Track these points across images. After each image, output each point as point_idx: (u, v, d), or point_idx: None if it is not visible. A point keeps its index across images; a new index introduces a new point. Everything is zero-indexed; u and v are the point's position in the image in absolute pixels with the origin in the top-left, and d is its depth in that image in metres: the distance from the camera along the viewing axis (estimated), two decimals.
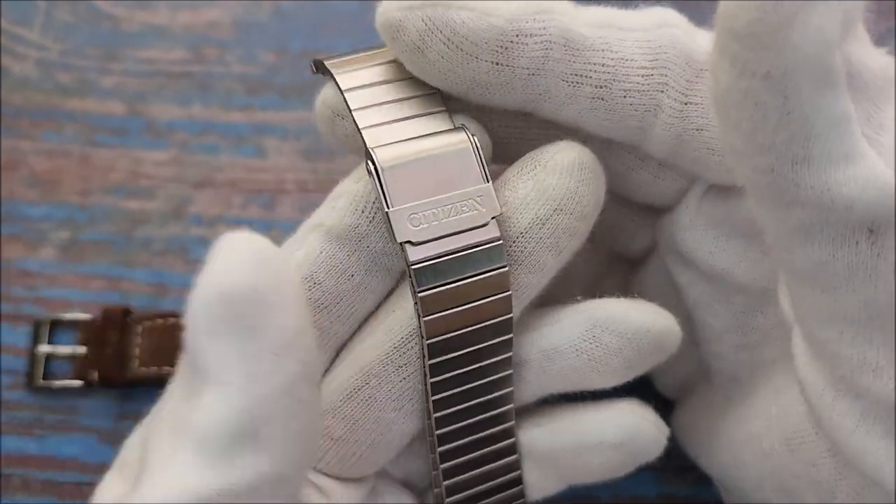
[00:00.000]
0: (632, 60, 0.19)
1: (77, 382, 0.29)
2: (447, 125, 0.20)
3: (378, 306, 0.21)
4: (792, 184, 0.15)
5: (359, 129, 0.19)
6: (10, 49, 0.34)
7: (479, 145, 0.19)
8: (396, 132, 0.19)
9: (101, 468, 0.19)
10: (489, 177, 0.19)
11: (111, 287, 0.30)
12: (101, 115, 0.33)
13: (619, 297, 0.21)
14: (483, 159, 0.19)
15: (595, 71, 0.19)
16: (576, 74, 0.19)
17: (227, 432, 0.15)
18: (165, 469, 0.15)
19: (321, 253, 0.19)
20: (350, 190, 0.20)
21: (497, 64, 0.18)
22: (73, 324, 0.30)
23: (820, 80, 0.14)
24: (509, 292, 0.19)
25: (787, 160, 0.15)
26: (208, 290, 0.15)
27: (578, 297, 0.21)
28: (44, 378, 0.29)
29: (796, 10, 0.13)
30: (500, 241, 0.19)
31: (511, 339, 0.20)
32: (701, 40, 0.20)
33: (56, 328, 0.30)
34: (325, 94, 0.20)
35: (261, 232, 0.16)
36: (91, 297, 0.30)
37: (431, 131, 0.19)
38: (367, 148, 0.19)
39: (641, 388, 0.23)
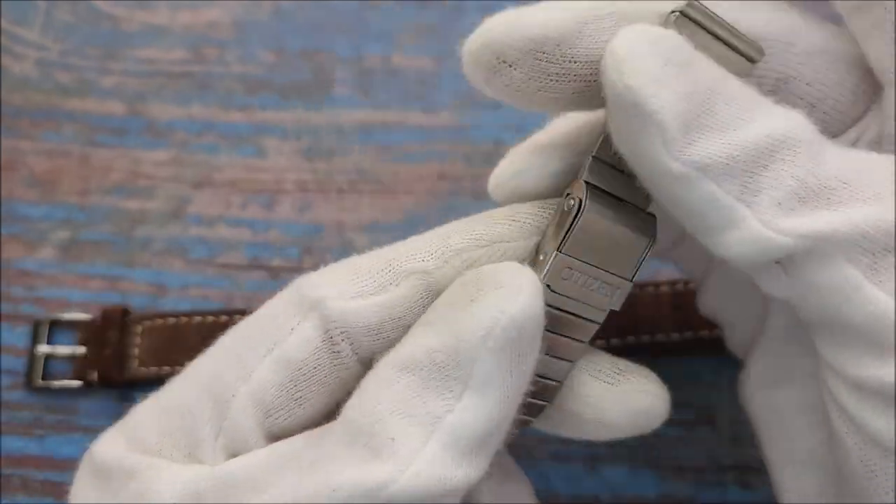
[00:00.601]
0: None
1: (76, 383, 0.29)
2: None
3: None
4: (711, 249, 0.18)
5: (591, 158, 0.19)
6: (10, 49, 0.34)
7: (651, 247, 0.19)
8: (617, 183, 0.19)
9: None
10: (635, 278, 0.20)
11: (110, 287, 0.30)
12: (101, 115, 0.33)
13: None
14: (644, 261, 0.20)
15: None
16: None
17: (478, 438, 0.17)
18: (415, 455, 0.17)
19: (417, 301, 0.19)
20: (469, 254, 0.19)
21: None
22: (73, 324, 0.30)
23: (676, 182, 0.17)
24: (572, 362, 0.20)
25: (699, 234, 0.18)
26: (508, 311, 0.17)
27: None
28: (43, 378, 0.29)
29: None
30: (597, 327, 0.20)
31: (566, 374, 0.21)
32: None
33: (55, 328, 0.30)
34: (491, 31, 0.17)
35: (260, 232, 0.16)
36: (90, 297, 0.30)
37: (641, 204, 0.19)
38: (586, 182, 0.19)
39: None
